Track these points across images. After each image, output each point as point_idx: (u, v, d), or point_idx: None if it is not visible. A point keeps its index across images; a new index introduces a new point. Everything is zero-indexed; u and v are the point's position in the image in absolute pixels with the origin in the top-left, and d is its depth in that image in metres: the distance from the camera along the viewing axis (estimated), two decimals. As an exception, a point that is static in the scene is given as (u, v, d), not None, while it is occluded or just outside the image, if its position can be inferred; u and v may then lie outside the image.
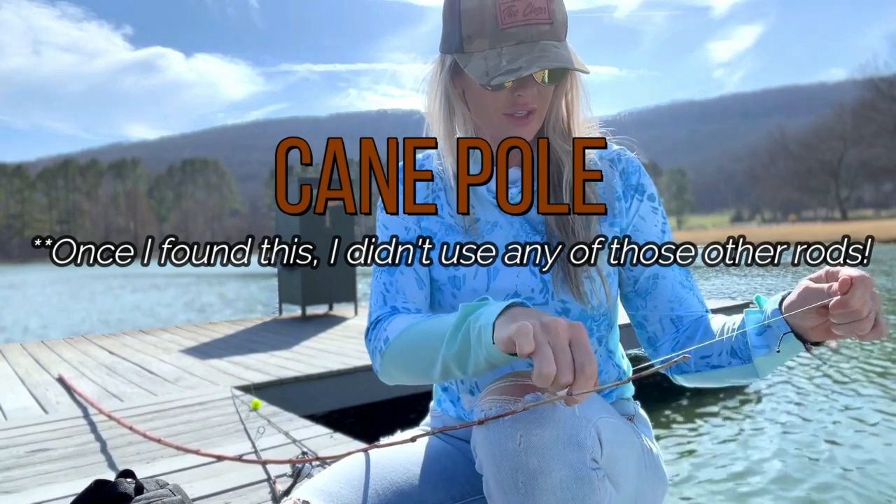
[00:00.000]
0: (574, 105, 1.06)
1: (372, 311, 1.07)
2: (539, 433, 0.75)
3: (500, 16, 0.92)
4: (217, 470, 2.23)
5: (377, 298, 1.08)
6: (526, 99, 0.97)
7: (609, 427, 0.81)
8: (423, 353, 0.91)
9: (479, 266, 1.05)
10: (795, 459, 3.65)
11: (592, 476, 0.75)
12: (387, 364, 1.00)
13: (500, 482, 0.77)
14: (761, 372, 0.94)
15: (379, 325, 1.03)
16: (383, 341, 0.99)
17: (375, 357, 1.02)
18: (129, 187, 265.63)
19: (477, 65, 0.95)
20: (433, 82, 1.06)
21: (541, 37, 0.93)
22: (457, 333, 0.83)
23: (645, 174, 1.10)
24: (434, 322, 0.92)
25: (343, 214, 7.41)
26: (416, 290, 1.07)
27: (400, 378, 1.02)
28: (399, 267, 1.07)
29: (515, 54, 0.92)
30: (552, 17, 0.93)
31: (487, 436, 0.78)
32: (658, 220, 1.08)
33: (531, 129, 1.01)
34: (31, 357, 5.18)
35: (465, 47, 0.97)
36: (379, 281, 1.08)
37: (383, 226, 1.12)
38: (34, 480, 2.22)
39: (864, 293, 0.75)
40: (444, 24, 1.01)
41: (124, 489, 1.34)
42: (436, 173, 1.12)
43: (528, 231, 1.06)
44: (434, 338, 0.89)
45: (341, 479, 0.93)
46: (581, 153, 1.06)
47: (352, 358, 4.49)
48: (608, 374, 1.09)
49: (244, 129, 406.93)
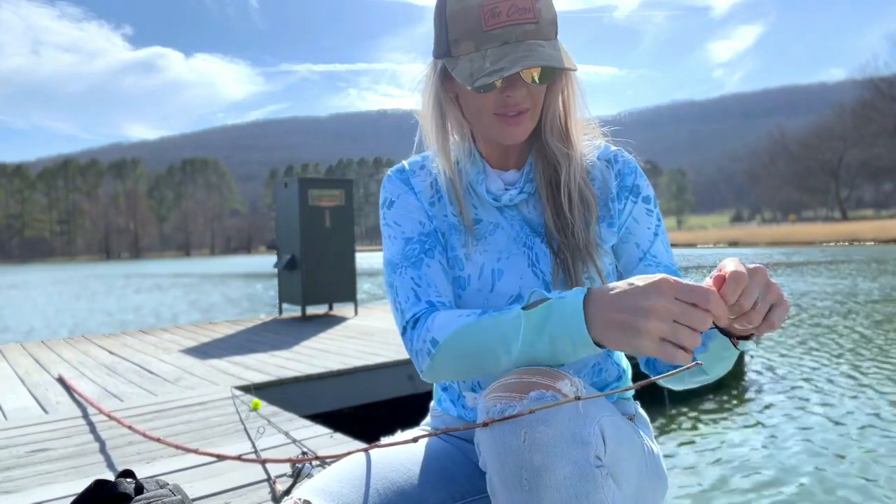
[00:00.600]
0: (570, 104, 1.05)
1: (405, 309, 1.02)
2: (543, 430, 0.75)
3: (484, 18, 0.92)
4: (217, 470, 2.23)
5: (408, 295, 1.02)
6: (515, 99, 0.97)
7: (612, 425, 0.82)
8: (488, 346, 0.89)
9: (484, 267, 1.05)
10: (795, 460, 3.65)
11: (596, 473, 0.75)
12: (438, 366, 0.96)
13: (505, 479, 0.77)
14: (708, 370, 0.94)
15: (420, 325, 0.99)
16: (430, 343, 0.96)
17: (422, 358, 0.97)
18: (129, 187, 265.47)
19: (463, 68, 0.94)
20: (426, 87, 1.06)
21: (526, 36, 0.93)
22: (536, 314, 0.83)
23: (641, 175, 1.09)
24: (490, 314, 0.90)
25: (343, 214, 7.42)
26: (444, 282, 1.05)
27: (451, 377, 0.99)
28: (425, 260, 1.05)
29: (499, 55, 0.92)
30: (538, 17, 0.93)
31: (492, 433, 0.78)
32: (651, 223, 1.08)
33: (524, 128, 1.00)
34: (31, 357, 5.18)
35: (453, 51, 0.97)
36: (405, 276, 1.04)
37: (394, 223, 1.09)
38: (34, 480, 2.22)
39: (736, 288, 0.74)
40: (434, 28, 1.01)
41: (124, 489, 1.34)
42: (437, 174, 1.12)
43: (528, 232, 1.06)
44: (499, 327, 0.88)
45: (342, 479, 0.93)
46: (579, 154, 1.06)
47: (352, 358, 4.49)
48: (608, 372, 1.09)
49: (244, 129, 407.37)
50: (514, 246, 1.05)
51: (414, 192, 1.11)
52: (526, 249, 1.05)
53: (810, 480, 3.33)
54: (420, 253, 1.05)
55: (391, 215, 1.10)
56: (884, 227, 73.42)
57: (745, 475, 3.44)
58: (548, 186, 1.05)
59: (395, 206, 1.11)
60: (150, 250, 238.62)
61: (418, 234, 1.07)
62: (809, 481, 3.32)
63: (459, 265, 1.07)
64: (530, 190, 1.07)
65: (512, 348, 0.86)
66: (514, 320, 0.85)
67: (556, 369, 0.83)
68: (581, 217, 1.03)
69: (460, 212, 1.08)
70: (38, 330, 12.31)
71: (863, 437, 4.01)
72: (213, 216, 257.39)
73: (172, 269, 51.05)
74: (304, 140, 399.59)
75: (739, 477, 3.42)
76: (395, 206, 1.11)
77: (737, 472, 3.50)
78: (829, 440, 3.97)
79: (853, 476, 3.36)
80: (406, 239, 1.07)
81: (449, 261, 1.08)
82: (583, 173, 1.06)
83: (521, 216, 1.08)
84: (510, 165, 1.09)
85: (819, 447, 3.84)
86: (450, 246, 1.08)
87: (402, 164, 1.15)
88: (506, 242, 1.06)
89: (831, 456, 3.68)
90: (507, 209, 1.08)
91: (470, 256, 1.06)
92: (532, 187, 1.07)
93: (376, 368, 4.24)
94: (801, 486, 3.25)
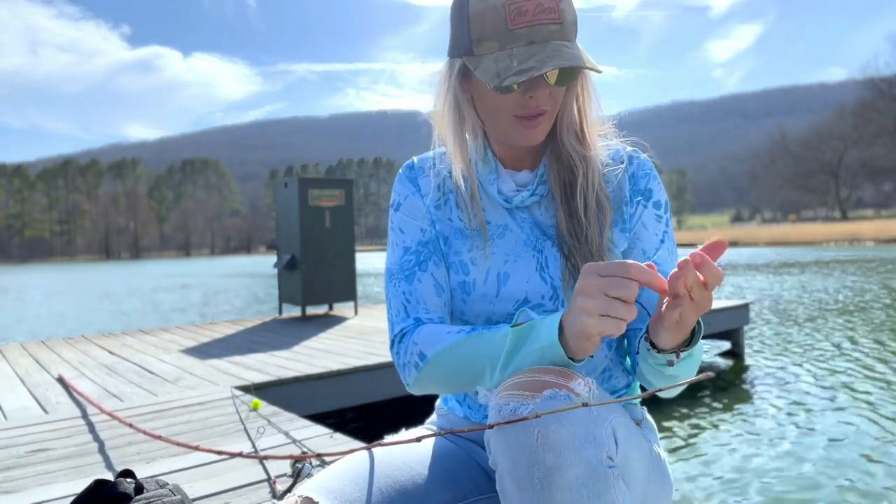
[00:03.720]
0: (586, 106, 1.04)
1: (394, 322, 1.05)
2: (557, 429, 0.75)
3: (510, 16, 0.91)
4: (217, 470, 2.23)
5: (398, 309, 1.05)
6: (537, 101, 0.95)
7: (623, 427, 0.82)
8: (476, 364, 0.92)
9: (489, 271, 1.04)
10: (793, 461, 3.65)
11: (608, 474, 0.75)
12: (424, 379, 0.99)
13: (517, 477, 0.77)
14: (654, 380, 0.96)
15: (406, 338, 1.01)
16: (417, 356, 0.98)
17: (409, 371, 1.00)
18: (129, 187, 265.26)
19: (487, 67, 0.92)
20: (441, 87, 1.03)
21: (551, 37, 0.91)
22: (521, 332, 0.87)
23: (655, 178, 1.07)
24: (480, 332, 0.93)
25: (343, 214, 7.42)
26: (435, 299, 1.05)
27: (436, 390, 1.02)
28: (417, 274, 1.05)
29: (527, 54, 0.90)
30: (562, 17, 0.92)
31: (504, 431, 0.78)
32: (659, 229, 1.06)
33: (542, 130, 0.99)
34: (31, 357, 5.18)
35: (475, 50, 0.94)
36: (398, 290, 1.06)
37: (399, 229, 1.10)
38: (34, 480, 2.22)
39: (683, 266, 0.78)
40: (452, 27, 0.99)
41: (124, 489, 1.34)
42: (448, 173, 1.10)
43: (538, 235, 1.04)
44: (487, 345, 0.91)
45: (344, 477, 0.92)
46: (596, 156, 1.04)
47: (352, 358, 4.49)
48: (618, 379, 1.08)
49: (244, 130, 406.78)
50: (522, 249, 1.04)
51: (420, 194, 1.10)
52: (535, 253, 1.03)
53: (810, 481, 3.33)
54: (414, 266, 1.06)
55: (397, 220, 1.10)
56: (884, 227, 73.39)
57: (743, 475, 3.44)
58: (562, 189, 1.03)
59: (402, 209, 1.11)
60: (150, 250, 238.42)
61: (416, 244, 1.07)
62: (808, 481, 3.31)
63: (465, 270, 1.05)
64: (542, 192, 1.05)
65: (497, 366, 0.89)
66: (502, 338, 0.89)
67: (567, 369, 0.83)
68: (596, 221, 1.01)
69: (475, 213, 1.06)
70: (41, 330, 12.31)
71: (862, 436, 4.01)
72: (213, 216, 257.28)
73: (175, 269, 51.03)
74: (303, 140, 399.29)
75: (735, 477, 3.42)
76: (402, 210, 1.10)
77: (736, 474, 3.50)
78: (828, 441, 3.97)
79: (853, 477, 3.36)
80: (405, 248, 1.08)
81: (453, 266, 1.06)
82: (600, 176, 1.04)
83: (532, 218, 1.06)
84: (524, 166, 1.08)
85: (817, 447, 3.84)
86: (454, 251, 1.07)
87: (413, 160, 1.14)
88: (514, 245, 1.04)
89: (830, 456, 3.68)
90: (517, 211, 1.06)
91: (476, 261, 1.05)
92: (544, 189, 1.05)
93: (376, 368, 4.24)
94: (798, 487, 3.25)
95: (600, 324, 0.77)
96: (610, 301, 0.77)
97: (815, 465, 3.54)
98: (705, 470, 3.55)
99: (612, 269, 0.78)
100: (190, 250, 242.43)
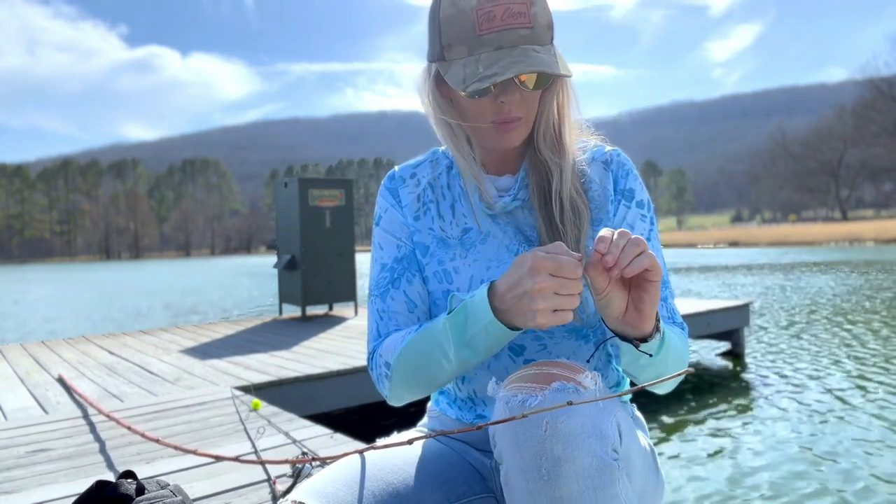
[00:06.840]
0: (564, 110, 1.04)
1: (370, 340, 1.08)
2: (565, 421, 0.76)
3: (478, 22, 0.91)
4: (217, 470, 2.23)
5: (373, 328, 1.07)
6: (509, 105, 0.95)
7: (625, 420, 0.83)
8: (431, 356, 0.93)
9: (472, 278, 1.03)
10: (792, 462, 3.65)
11: (614, 466, 0.77)
12: (395, 386, 1.00)
13: (524, 468, 0.77)
14: (636, 379, 0.97)
15: (375, 354, 1.04)
16: (385, 366, 1.00)
17: (383, 383, 1.03)
18: (129, 187, 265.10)
19: (456, 72, 0.93)
20: (422, 92, 1.04)
21: (520, 41, 0.91)
22: (457, 318, 0.89)
23: (635, 178, 1.07)
24: (426, 327, 0.95)
25: (343, 214, 7.42)
26: (406, 315, 1.06)
27: (411, 395, 1.02)
28: (391, 292, 1.06)
29: (493, 60, 0.90)
30: (533, 21, 0.91)
31: (512, 422, 0.79)
32: (645, 228, 1.06)
33: (517, 134, 0.99)
34: (31, 357, 5.18)
35: (446, 55, 0.95)
36: (374, 307, 1.08)
37: (378, 245, 1.11)
38: (34, 480, 2.23)
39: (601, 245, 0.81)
40: (428, 32, 1.00)
41: (125, 490, 1.34)
42: (427, 184, 1.10)
43: (520, 241, 1.04)
44: (434, 337, 0.93)
45: (336, 480, 0.92)
46: (570, 161, 1.04)
47: (352, 358, 4.49)
48: (607, 378, 1.08)
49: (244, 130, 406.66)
50: (505, 254, 1.03)
51: (400, 206, 1.10)
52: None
53: (809, 481, 3.33)
54: (388, 283, 1.07)
55: (377, 235, 1.12)
56: (884, 227, 73.38)
57: (743, 475, 3.44)
58: (540, 194, 1.03)
59: (381, 223, 1.11)
60: (151, 250, 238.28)
61: (392, 260, 1.08)
62: (808, 482, 3.32)
63: (448, 278, 1.05)
64: (524, 197, 1.05)
65: (449, 353, 0.91)
66: (443, 327, 0.91)
67: (574, 362, 0.84)
68: (573, 226, 1.01)
69: (460, 218, 1.07)
70: (41, 330, 12.31)
71: (862, 436, 4.01)
72: (213, 216, 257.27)
73: (176, 269, 51.03)
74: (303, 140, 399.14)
75: (736, 477, 3.42)
76: (381, 224, 1.11)
77: (736, 474, 3.50)
78: (828, 441, 3.98)
79: (853, 477, 3.36)
80: (382, 265, 1.09)
81: (436, 275, 1.06)
82: (576, 181, 1.04)
83: (515, 224, 1.05)
84: (507, 171, 1.08)
85: (817, 448, 3.84)
86: (437, 260, 1.06)
87: (394, 169, 1.14)
88: (496, 251, 1.04)
89: (830, 456, 3.69)
90: (499, 216, 1.06)
91: (458, 269, 1.04)
92: (526, 194, 1.05)
93: (376, 368, 4.24)
94: (799, 487, 3.25)
95: (554, 319, 0.81)
96: (560, 298, 0.80)
97: (816, 465, 3.54)
98: (705, 470, 3.55)
99: (562, 271, 0.80)
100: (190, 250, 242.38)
